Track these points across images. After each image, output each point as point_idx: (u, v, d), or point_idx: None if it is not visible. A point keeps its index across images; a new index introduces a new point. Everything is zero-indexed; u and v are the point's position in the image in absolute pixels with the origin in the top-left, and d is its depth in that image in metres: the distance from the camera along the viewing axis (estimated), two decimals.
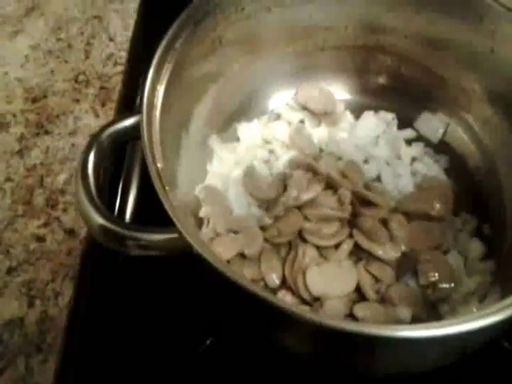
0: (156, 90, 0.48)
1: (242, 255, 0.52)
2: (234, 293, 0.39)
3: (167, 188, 0.41)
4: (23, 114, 0.77)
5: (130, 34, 0.84)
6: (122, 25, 0.87)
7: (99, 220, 0.42)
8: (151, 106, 0.47)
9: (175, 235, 0.40)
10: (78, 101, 0.78)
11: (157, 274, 0.57)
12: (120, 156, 0.65)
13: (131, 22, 0.86)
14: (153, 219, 0.43)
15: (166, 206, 0.40)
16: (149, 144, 0.43)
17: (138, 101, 0.75)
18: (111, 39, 0.85)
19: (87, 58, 0.83)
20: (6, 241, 0.66)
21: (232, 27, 0.57)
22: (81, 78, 0.81)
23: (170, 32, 0.52)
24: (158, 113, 0.47)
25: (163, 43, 0.51)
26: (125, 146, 0.60)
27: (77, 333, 0.58)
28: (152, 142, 0.44)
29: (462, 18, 0.56)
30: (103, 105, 0.78)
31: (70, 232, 0.66)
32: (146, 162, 0.42)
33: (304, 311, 0.36)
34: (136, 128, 0.46)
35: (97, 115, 0.77)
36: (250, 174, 0.58)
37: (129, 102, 0.76)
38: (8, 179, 0.70)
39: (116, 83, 0.80)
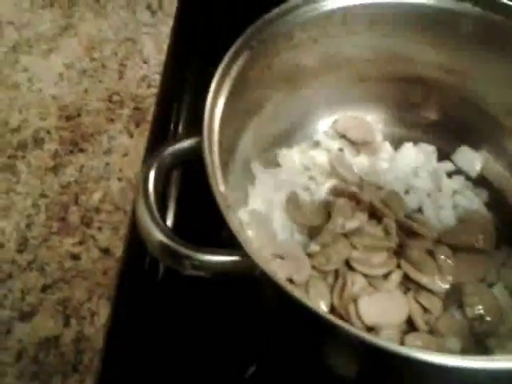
0: (214, 114, 0.49)
1: (289, 281, 0.52)
2: (298, 315, 0.38)
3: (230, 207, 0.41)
4: (57, 131, 0.78)
5: (163, 57, 0.85)
6: (155, 48, 0.88)
7: (160, 237, 0.42)
8: (210, 129, 0.47)
9: (238, 258, 0.40)
10: (112, 120, 0.79)
11: (198, 295, 0.57)
12: None
13: (164, 46, 0.87)
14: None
15: (233, 229, 0.40)
16: (211, 166, 0.43)
17: (172, 125, 0.77)
18: (145, 61, 0.86)
19: (121, 78, 0.84)
20: (40, 258, 0.65)
21: (280, 56, 0.58)
22: (115, 98, 0.82)
23: (226, 58, 0.52)
24: (216, 137, 0.47)
25: (220, 68, 0.51)
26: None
27: (114, 355, 0.57)
28: (214, 165, 0.44)
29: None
30: (137, 125, 0.78)
31: (106, 251, 0.66)
32: (210, 184, 0.42)
33: (372, 336, 0.36)
34: (195, 150, 0.47)
35: (131, 135, 0.77)
36: (293, 201, 0.58)
37: (163, 124, 0.77)
38: (42, 195, 0.70)
39: (150, 105, 0.81)
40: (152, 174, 0.45)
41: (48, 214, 0.68)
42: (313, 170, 0.64)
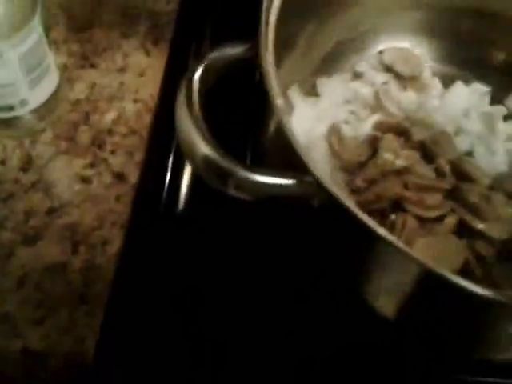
0: (268, 22, 0.42)
1: None
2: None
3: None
4: (66, 43, 0.70)
5: None
6: None
7: (205, 150, 0.36)
8: (266, 36, 0.41)
9: (308, 179, 0.35)
10: (126, 36, 0.71)
11: (218, 228, 0.52)
12: None
13: None
14: None
15: (297, 149, 0.34)
16: (269, 73, 0.37)
17: (193, 47, 0.70)
18: None
19: None
20: (45, 178, 0.59)
21: None
22: (130, 11, 0.73)
23: None
24: (271, 39, 0.41)
25: None
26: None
27: (125, 286, 0.52)
28: (272, 73, 0.38)
29: None
30: (155, 43, 0.71)
31: (120, 176, 0.60)
32: (269, 96, 0.36)
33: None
34: (248, 58, 0.40)
35: (148, 54, 0.70)
36: (335, 133, 0.53)
37: (184, 43, 0.70)
38: (49, 111, 0.63)
39: (168, 22, 0.73)
40: (197, 77, 0.39)
41: (55, 131, 0.61)
42: (354, 103, 0.58)
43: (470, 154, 0.55)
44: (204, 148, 0.36)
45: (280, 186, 0.36)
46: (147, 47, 0.70)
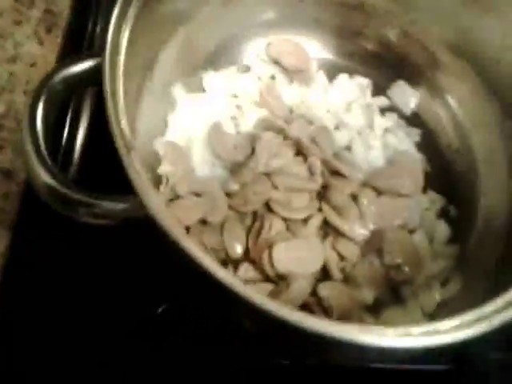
0: (121, 29, 0.42)
1: (203, 221, 0.48)
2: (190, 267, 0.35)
3: (130, 145, 0.36)
4: None
5: None
6: None
7: (47, 179, 0.37)
8: (115, 48, 0.41)
9: (129, 204, 0.36)
10: (19, 23, 0.69)
11: (107, 230, 0.53)
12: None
13: None
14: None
15: (128, 171, 0.35)
16: (111, 96, 0.37)
17: (87, 35, 0.68)
18: None
19: None
20: None
21: None
22: None
23: None
24: (122, 57, 0.41)
25: None
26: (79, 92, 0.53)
27: (11, 289, 0.53)
28: (115, 94, 0.38)
29: None
30: (49, 31, 0.69)
31: (7, 173, 0.59)
32: (108, 117, 0.37)
33: (263, 301, 0.33)
34: (94, 73, 0.40)
35: (41, 42, 0.68)
36: (216, 131, 0.53)
37: (79, 32, 0.68)
38: None
39: (64, 7, 0.71)
40: (41, 105, 0.39)
41: None
42: (241, 97, 0.58)
43: (349, 148, 0.57)
44: (46, 177, 0.37)
45: (122, 210, 0.37)
46: (40, 35, 0.68)
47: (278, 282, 0.46)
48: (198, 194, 0.50)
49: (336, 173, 0.52)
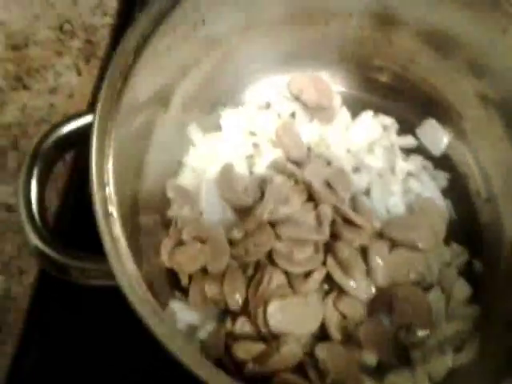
0: (117, 84, 0.42)
1: (205, 269, 0.48)
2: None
3: (110, 211, 0.36)
4: (2, 62, 0.71)
5: None
6: None
7: (36, 242, 0.38)
8: (108, 104, 0.41)
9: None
10: (60, 54, 0.72)
11: None
12: None
13: None
14: None
15: (103, 240, 0.35)
16: (97, 164, 0.38)
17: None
18: None
19: (75, 4, 0.75)
20: None
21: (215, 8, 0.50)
22: (66, 27, 0.74)
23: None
24: (116, 113, 0.41)
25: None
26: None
27: (39, 316, 0.55)
28: (102, 160, 0.39)
29: (483, 24, 0.48)
30: (87, 61, 0.71)
31: None
32: (90, 185, 0.37)
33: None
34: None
35: (79, 73, 0.70)
36: (226, 175, 0.53)
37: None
38: None
39: (102, 37, 0.73)
40: (36, 169, 0.40)
41: None
42: (259, 135, 0.57)
43: (368, 192, 0.54)
44: (35, 240, 0.38)
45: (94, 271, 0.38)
46: (79, 65, 0.71)
47: (271, 341, 0.44)
48: (203, 240, 0.49)
49: (348, 221, 0.50)
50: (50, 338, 0.54)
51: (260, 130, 0.57)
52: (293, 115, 0.58)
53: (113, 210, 0.37)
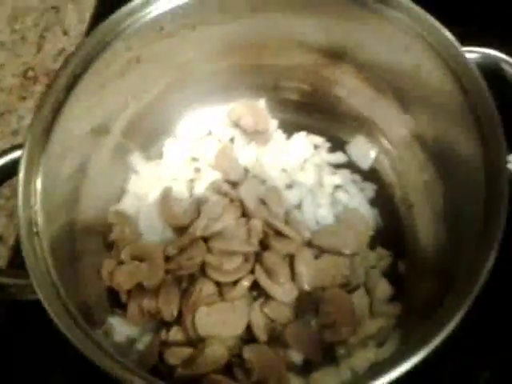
0: (48, 118, 0.47)
1: (142, 286, 0.52)
2: None
3: (34, 230, 0.41)
4: None
5: (84, 27, 0.83)
6: (77, 17, 0.85)
7: None
8: (37, 137, 0.46)
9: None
10: (24, 98, 0.77)
11: None
12: None
13: (88, 14, 0.85)
14: None
15: (25, 256, 0.40)
16: (25, 183, 0.42)
17: None
18: (65, 33, 0.83)
19: (38, 52, 0.81)
20: None
21: (150, 46, 0.55)
22: (30, 73, 0.79)
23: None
24: (47, 146, 0.46)
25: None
26: None
27: None
28: (30, 182, 0.43)
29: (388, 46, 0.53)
30: None
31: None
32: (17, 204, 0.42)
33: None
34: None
35: None
36: (165, 198, 0.57)
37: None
38: None
39: None
40: None
41: None
42: (201, 160, 0.62)
43: (300, 206, 0.58)
44: None
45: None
46: None
47: (198, 345, 0.48)
48: (142, 259, 0.53)
49: (280, 233, 0.54)
50: None
51: (201, 155, 0.62)
52: (232, 140, 0.63)
53: (38, 229, 0.41)
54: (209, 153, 0.62)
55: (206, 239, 0.53)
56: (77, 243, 0.50)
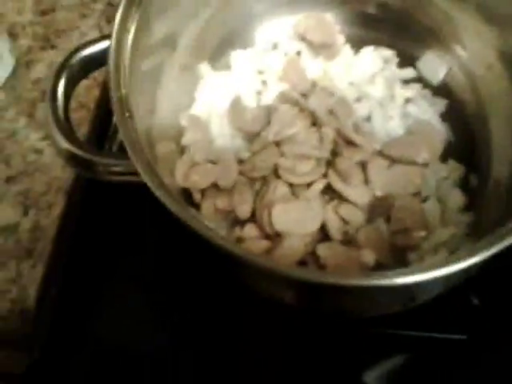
0: (132, 9, 0.47)
1: (217, 186, 0.53)
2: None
3: (127, 115, 0.41)
4: (31, 26, 0.77)
5: None
6: None
7: (65, 145, 0.43)
8: (123, 28, 0.46)
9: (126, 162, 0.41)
10: (84, 16, 0.77)
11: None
12: None
13: None
14: None
15: (122, 135, 0.40)
16: (115, 70, 0.43)
17: None
18: None
19: None
20: (6, 151, 0.68)
21: None
22: None
23: None
24: (131, 36, 0.46)
25: None
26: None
27: (65, 244, 0.61)
28: (120, 68, 0.43)
29: None
30: (108, 22, 0.77)
31: None
32: (109, 88, 0.42)
33: (240, 250, 0.37)
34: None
35: (101, 32, 0.76)
36: (235, 106, 0.57)
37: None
38: (13, 89, 0.71)
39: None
40: (62, 81, 0.45)
41: (17, 109, 0.70)
42: (266, 73, 0.62)
43: (369, 119, 0.58)
44: (64, 143, 0.43)
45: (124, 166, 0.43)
46: (101, 25, 0.76)
47: (275, 239, 0.49)
48: (214, 162, 0.54)
49: (350, 143, 0.54)
50: (75, 265, 0.59)
51: (267, 68, 0.61)
52: (299, 54, 0.62)
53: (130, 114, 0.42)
54: (276, 66, 0.61)
55: (278, 144, 0.53)
56: (155, 148, 0.50)
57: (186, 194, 0.54)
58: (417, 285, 0.37)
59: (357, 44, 0.62)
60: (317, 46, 0.62)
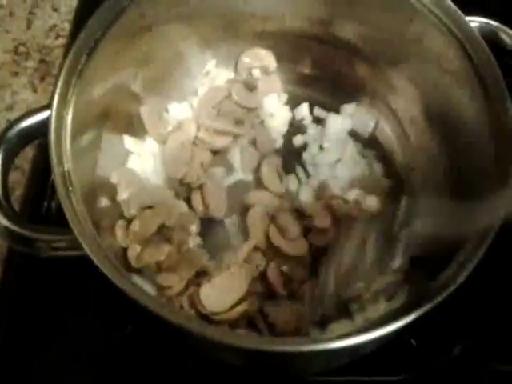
0: (71, 81, 0.48)
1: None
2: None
3: (70, 188, 0.41)
4: None
5: (74, 3, 0.82)
6: None
7: (4, 222, 0.42)
8: (63, 99, 0.46)
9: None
10: (16, 74, 0.77)
11: None
12: None
13: None
14: None
15: (65, 210, 0.40)
16: (56, 143, 0.43)
17: None
18: (55, 9, 0.83)
19: (29, 28, 0.80)
20: None
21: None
22: (21, 49, 0.79)
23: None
24: (71, 109, 0.46)
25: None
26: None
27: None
28: (61, 141, 0.43)
29: (392, 17, 0.56)
30: (42, 79, 0.76)
31: None
32: (51, 163, 0.42)
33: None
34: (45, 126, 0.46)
35: (35, 90, 0.75)
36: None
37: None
38: None
39: (57, 57, 0.78)
40: None
41: None
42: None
43: None
44: (3, 220, 0.42)
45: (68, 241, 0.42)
46: (34, 84, 0.76)
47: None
48: (151, 207, 0.54)
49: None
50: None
51: None
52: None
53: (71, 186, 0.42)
54: None
55: None
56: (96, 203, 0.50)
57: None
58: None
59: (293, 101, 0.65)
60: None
